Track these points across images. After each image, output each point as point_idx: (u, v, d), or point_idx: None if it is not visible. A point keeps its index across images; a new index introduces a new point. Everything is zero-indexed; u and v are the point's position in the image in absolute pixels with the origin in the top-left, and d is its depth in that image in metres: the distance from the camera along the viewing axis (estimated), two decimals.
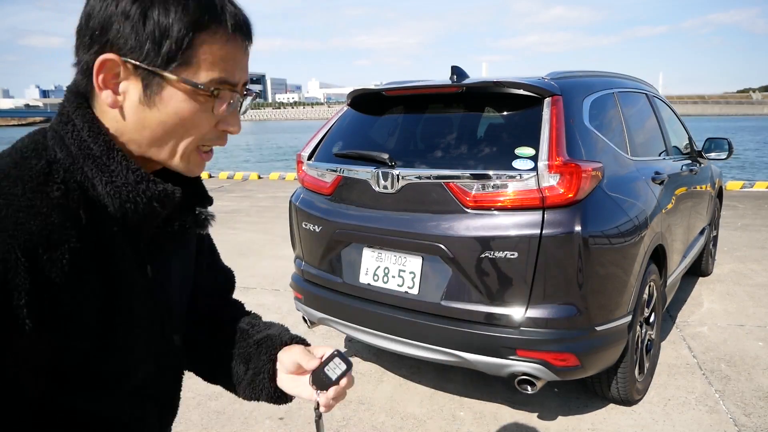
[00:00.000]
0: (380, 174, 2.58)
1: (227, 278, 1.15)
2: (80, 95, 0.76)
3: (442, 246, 2.40)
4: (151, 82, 0.72)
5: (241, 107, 0.80)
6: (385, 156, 2.58)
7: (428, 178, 2.47)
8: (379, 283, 2.63)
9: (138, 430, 0.87)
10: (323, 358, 1.00)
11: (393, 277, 2.59)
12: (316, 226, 2.88)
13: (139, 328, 0.81)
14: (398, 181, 2.53)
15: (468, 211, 2.38)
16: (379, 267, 2.64)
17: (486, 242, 2.32)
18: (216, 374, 1.05)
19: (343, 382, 0.97)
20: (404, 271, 2.56)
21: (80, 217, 0.70)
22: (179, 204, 0.81)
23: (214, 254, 1.10)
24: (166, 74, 0.71)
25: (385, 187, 2.58)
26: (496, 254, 2.31)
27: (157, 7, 0.70)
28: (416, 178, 2.50)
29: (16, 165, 0.70)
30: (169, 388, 0.95)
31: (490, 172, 2.34)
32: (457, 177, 2.39)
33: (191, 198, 0.85)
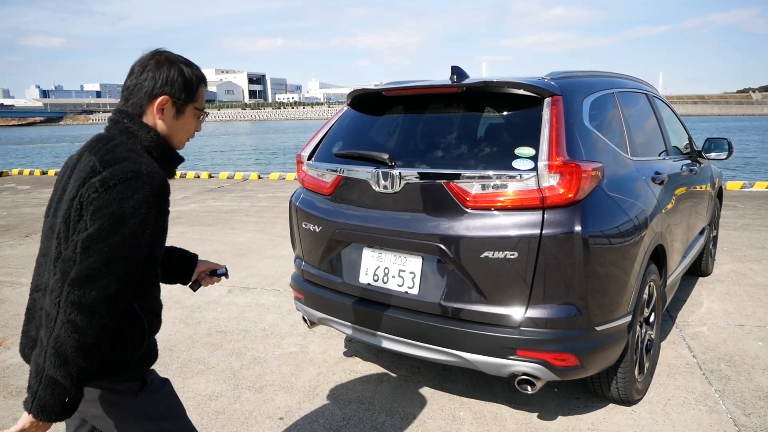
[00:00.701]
0: (380, 174, 2.58)
1: None
2: (132, 114, 1.49)
3: (442, 246, 2.40)
4: (182, 107, 1.53)
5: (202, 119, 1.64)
6: (385, 156, 2.58)
7: (428, 178, 2.47)
8: (379, 283, 2.63)
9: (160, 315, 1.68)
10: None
11: (393, 277, 2.59)
12: (316, 226, 2.88)
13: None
14: (398, 181, 2.53)
15: (468, 211, 2.38)
16: (379, 267, 2.65)
17: (486, 242, 2.32)
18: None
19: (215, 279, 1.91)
20: (404, 271, 2.56)
21: (164, 176, 1.42)
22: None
23: None
24: (190, 104, 1.55)
25: (385, 187, 2.58)
26: (496, 254, 2.31)
27: (187, 77, 1.52)
28: (416, 178, 2.50)
29: (131, 151, 1.42)
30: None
31: (490, 172, 2.34)
32: (457, 177, 2.39)
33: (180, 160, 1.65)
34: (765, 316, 4.03)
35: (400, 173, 2.53)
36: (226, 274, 1.90)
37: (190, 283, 1.88)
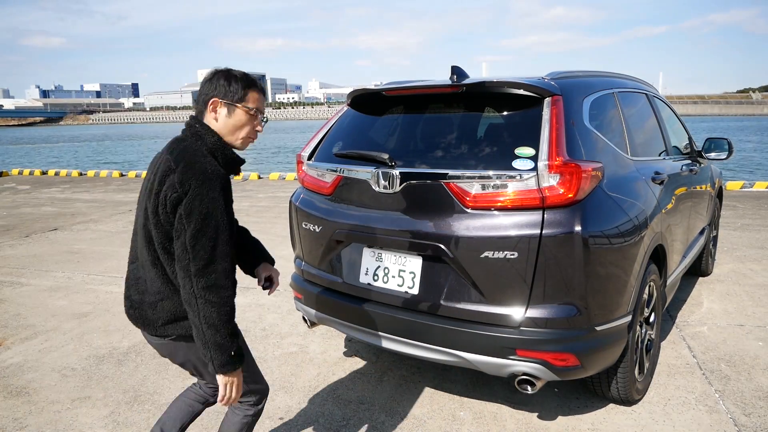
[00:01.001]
0: (380, 174, 2.58)
1: None
2: (198, 119, 1.80)
3: (442, 246, 2.40)
4: (231, 107, 1.77)
5: (263, 122, 1.87)
6: (385, 156, 2.58)
7: (428, 178, 2.47)
8: (379, 283, 2.63)
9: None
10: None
11: (393, 277, 2.59)
12: (316, 226, 2.88)
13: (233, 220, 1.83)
14: (398, 181, 2.53)
15: (468, 211, 2.38)
16: (379, 267, 2.65)
17: (486, 242, 2.32)
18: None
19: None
20: (404, 271, 2.56)
21: (225, 172, 1.74)
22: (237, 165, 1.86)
23: None
24: (237, 105, 1.78)
25: (385, 187, 2.58)
26: (496, 254, 2.31)
27: (233, 82, 1.77)
28: (416, 178, 2.50)
29: (196, 153, 1.71)
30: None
31: (490, 172, 2.34)
32: (457, 177, 2.39)
33: (240, 162, 1.88)
34: (765, 316, 4.03)
35: (400, 173, 2.53)
36: (268, 288, 2.24)
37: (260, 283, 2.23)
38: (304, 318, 3.09)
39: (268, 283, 2.23)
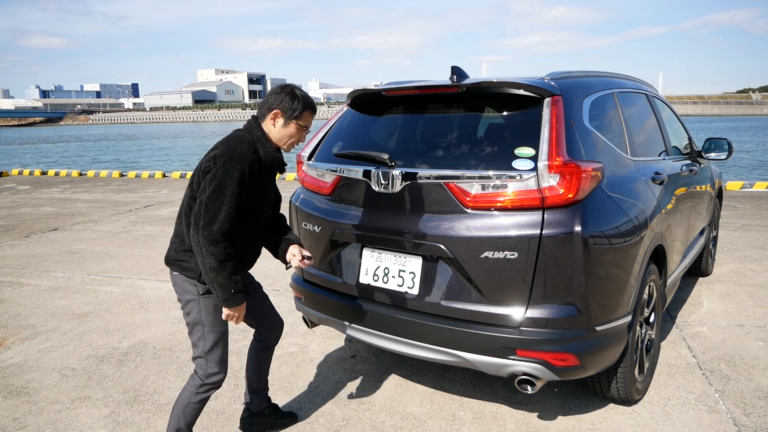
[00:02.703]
0: (380, 174, 2.58)
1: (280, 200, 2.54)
2: (257, 119, 2.27)
3: (442, 246, 2.40)
4: (287, 120, 2.25)
5: (306, 132, 2.36)
6: (385, 156, 2.58)
7: (428, 178, 2.47)
8: (379, 283, 2.63)
9: (255, 256, 2.43)
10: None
11: (393, 277, 2.59)
12: (316, 226, 2.88)
13: (263, 206, 2.32)
14: (398, 181, 2.53)
15: (468, 211, 2.38)
16: (378, 267, 2.65)
17: (486, 242, 2.32)
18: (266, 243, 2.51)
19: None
20: (404, 271, 2.56)
21: (257, 159, 2.19)
22: (280, 161, 2.32)
23: (277, 188, 2.50)
24: (293, 120, 2.26)
25: (385, 187, 2.58)
26: (496, 254, 2.31)
27: (295, 101, 2.24)
28: (416, 178, 2.50)
29: (240, 140, 2.20)
30: (259, 245, 2.45)
31: (490, 173, 2.34)
32: (457, 177, 2.39)
33: (284, 163, 2.34)
34: (765, 316, 4.03)
35: (399, 173, 2.53)
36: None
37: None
38: (304, 318, 3.09)
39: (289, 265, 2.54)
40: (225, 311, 2.17)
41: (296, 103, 2.23)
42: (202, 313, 2.26)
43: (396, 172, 2.54)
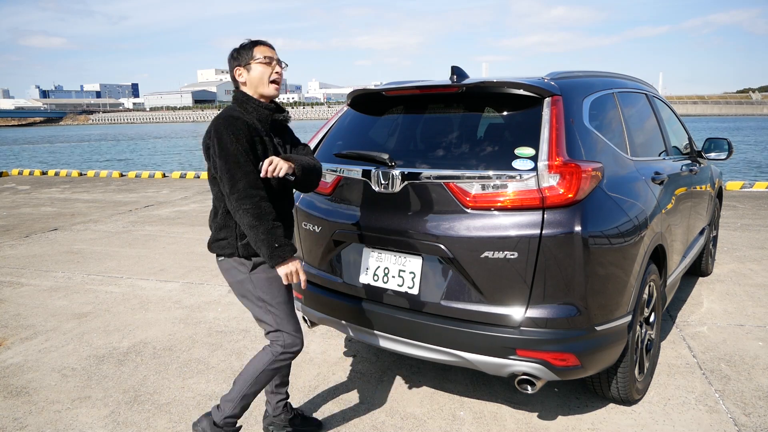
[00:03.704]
0: (380, 174, 2.58)
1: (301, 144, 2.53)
2: (236, 89, 2.32)
3: (442, 246, 2.40)
4: (246, 67, 2.27)
5: (277, 66, 2.30)
6: (385, 156, 2.58)
7: (428, 178, 2.47)
8: (379, 283, 2.63)
9: (285, 220, 2.35)
10: None
11: (393, 277, 2.59)
12: (317, 226, 2.88)
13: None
14: (398, 181, 2.53)
15: (468, 211, 2.38)
16: (379, 267, 2.65)
17: (486, 242, 2.32)
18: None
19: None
20: (404, 271, 2.56)
21: (247, 120, 2.22)
22: (275, 111, 2.32)
23: (294, 135, 2.50)
24: (251, 62, 2.26)
25: (385, 187, 2.58)
26: (496, 254, 2.31)
27: (241, 49, 2.29)
28: (416, 178, 2.50)
29: (228, 110, 2.25)
30: (289, 206, 2.43)
31: (490, 173, 2.34)
32: (457, 177, 2.39)
33: (281, 110, 2.35)
34: (765, 316, 4.03)
35: (400, 173, 2.53)
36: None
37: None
38: (304, 318, 3.09)
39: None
40: (282, 274, 2.16)
41: (243, 50, 2.26)
42: (257, 289, 2.28)
43: (396, 172, 2.54)
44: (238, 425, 2.42)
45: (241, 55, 2.26)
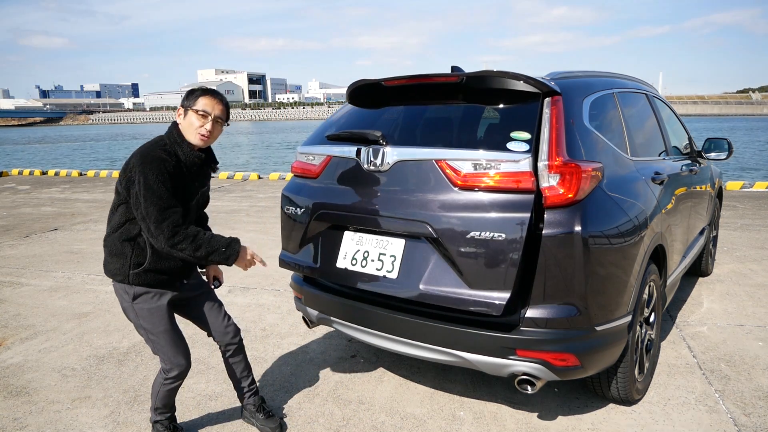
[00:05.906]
0: (371, 151, 2.55)
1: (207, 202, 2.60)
2: (176, 124, 2.34)
3: (428, 225, 2.37)
4: (186, 112, 2.31)
5: (211, 123, 2.32)
6: (378, 134, 2.54)
7: (419, 157, 2.44)
8: (357, 267, 2.60)
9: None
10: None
11: (372, 260, 2.55)
12: (298, 209, 2.85)
13: (189, 208, 2.33)
14: (388, 158, 2.50)
15: (457, 190, 2.35)
16: (359, 251, 2.60)
17: (473, 222, 2.30)
18: None
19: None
20: (384, 254, 2.52)
21: (175, 160, 2.24)
22: (204, 161, 2.36)
23: (209, 187, 2.56)
24: (190, 109, 2.31)
25: (375, 165, 2.55)
26: (483, 234, 2.28)
27: (192, 94, 2.34)
28: (407, 156, 2.47)
29: (154, 144, 2.26)
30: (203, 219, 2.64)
31: (483, 151, 2.32)
32: (450, 157, 2.38)
33: (210, 159, 2.44)
34: (765, 316, 4.03)
35: (391, 150, 2.50)
36: (217, 287, 2.69)
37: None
38: (304, 318, 3.08)
39: (217, 283, 2.70)
40: (244, 268, 2.33)
41: (192, 95, 2.31)
42: (139, 318, 2.35)
43: (387, 149, 2.51)
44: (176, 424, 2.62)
45: (188, 98, 2.31)
